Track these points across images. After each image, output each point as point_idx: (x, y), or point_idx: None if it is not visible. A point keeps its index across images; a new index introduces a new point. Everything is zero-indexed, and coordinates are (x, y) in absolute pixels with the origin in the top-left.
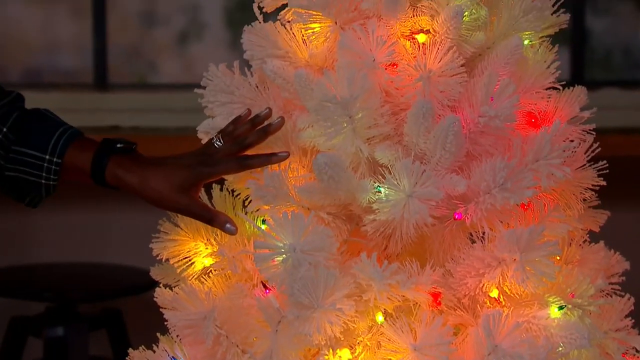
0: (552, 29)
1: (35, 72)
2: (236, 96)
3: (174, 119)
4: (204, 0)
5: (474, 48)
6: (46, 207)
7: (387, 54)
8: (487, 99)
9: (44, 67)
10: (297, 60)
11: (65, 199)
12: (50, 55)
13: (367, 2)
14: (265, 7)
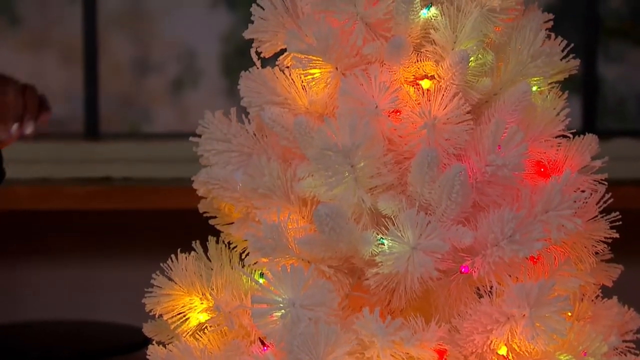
0: (562, 75)
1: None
2: (233, 144)
3: (168, 169)
4: (199, 47)
5: (481, 94)
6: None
7: (390, 101)
8: (494, 147)
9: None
10: (296, 107)
11: (53, 253)
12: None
13: (369, 47)
14: (264, 52)
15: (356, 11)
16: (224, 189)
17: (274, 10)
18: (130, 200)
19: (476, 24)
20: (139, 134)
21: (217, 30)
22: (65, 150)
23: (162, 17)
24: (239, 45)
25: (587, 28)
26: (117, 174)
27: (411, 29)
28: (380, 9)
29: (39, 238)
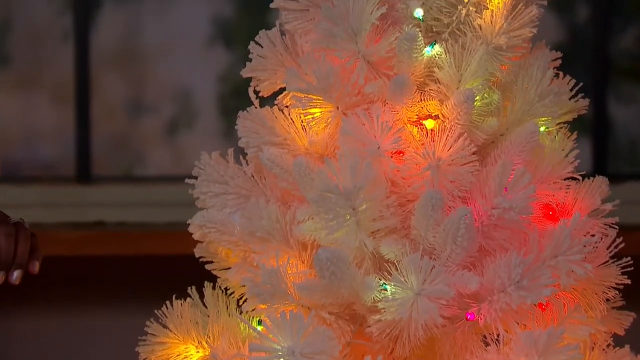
0: (571, 115)
1: (13, 164)
2: (231, 187)
3: (163, 213)
4: (195, 87)
5: (487, 135)
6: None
7: (393, 141)
8: (500, 189)
9: (23, 159)
10: (296, 148)
11: (43, 302)
12: (30, 146)
13: (371, 85)
14: (262, 91)
15: (358, 49)
16: (221, 233)
17: (273, 48)
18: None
19: (482, 62)
20: (132, 177)
21: (213, 70)
22: (56, 194)
23: (156, 56)
24: (237, 85)
25: (596, 68)
26: (110, 218)
27: (414, 67)
28: (382, 46)
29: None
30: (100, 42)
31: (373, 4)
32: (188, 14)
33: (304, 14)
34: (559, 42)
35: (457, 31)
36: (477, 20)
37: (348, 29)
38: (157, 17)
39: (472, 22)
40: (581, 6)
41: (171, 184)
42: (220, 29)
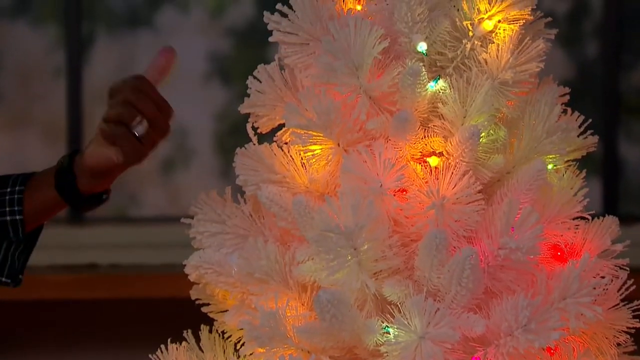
0: (579, 153)
1: None
2: (228, 226)
3: (157, 255)
4: (191, 125)
5: (492, 172)
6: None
7: (396, 179)
8: (507, 229)
9: None
10: (295, 186)
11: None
12: None
13: (373, 121)
14: (261, 127)
15: (359, 84)
16: (218, 274)
17: (272, 83)
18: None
19: (487, 98)
20: (126, 218)
21: (210, 107)
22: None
23: None
24: (234, 122)
25: (606, 105)
26: (103, 260)
27: (418, 102)
28: (384, 81)
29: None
30: (93, 78)
31: (375, 38)
32: (184, 49)
33: (303, 48)
34: (567, 79)
35: (461, 66)
36: (482, 54)
37: (349, 63)
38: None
39: (478, 57)
40: (590, 42)
41: (166, 224)
42: (217, 65)
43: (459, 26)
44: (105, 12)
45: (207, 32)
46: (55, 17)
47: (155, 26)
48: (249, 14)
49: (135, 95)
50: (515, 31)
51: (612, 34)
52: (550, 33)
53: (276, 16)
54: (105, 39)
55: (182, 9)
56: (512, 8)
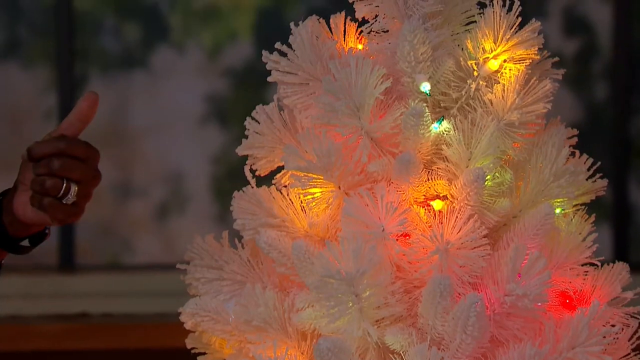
0: (588, 197)
1: None
2: (225, 272)
3: (152, 304)
4: (187, 169)
5: (498, 217)
6: None
7: (399, 223)
8: (513, 275)
9: None
10: (295, 230)
11: None
12: None
13: (375, 164)
14: (259, 170)
15: (361, 125)
16: (215, 322)
17: (271, 124)
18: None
19: (493, 140)
20: (119, 266)
21: (207, 150)
22: (37, 284)
23: (146, 136)
24: (231, 166)
25: (616, 149)
26: (95, 309)
27: (421, 144)
28: (387, 122)
29: None
30: None
31: (377, 77)
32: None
33: (303, 88)
34: (576, 121)
35: (466, 106)
36: (487, 95)
37: (350, 103)
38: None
39: (483, 97)
40: (599, 84)
41: (161, 272)
42: (214, 106)
43: (463, 66)
44: (99, 52)
45: (204, 73)
46: (47, 58)
47: (150, 67)
48: (247, 54)
49: (60, 162)
50: (522, 71)
51: (622, 75)
52: (557, 73)
53: (275, 55)
54: (99, 80)
55: (178, 50)
56: (518, 47)
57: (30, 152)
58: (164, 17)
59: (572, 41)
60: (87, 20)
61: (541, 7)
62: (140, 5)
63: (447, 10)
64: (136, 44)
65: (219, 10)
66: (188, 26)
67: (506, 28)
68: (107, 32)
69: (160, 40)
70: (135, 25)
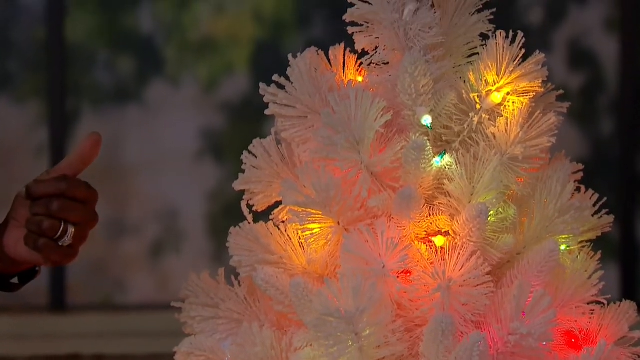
0: (594, 233)
1: None
2: (221, 310)
3: (145, 344)
4: (182, 205)
5: (502, 253)
6: None
7: (399, 260)
8: (517, 313)
9: None
10: (293, 267)
11: None
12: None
13: (375, 199)
14: (256, 205)
15: (360, 159)
16: None
17: (268, 158)
18: None
19: (496, 174)
20: (111, 305)
21: (202, 187)
22: (27, 324)
23: (139, 172)
24: (227, 202)
25: (622, 186)
26: (87, 350)
27: (422, 179)
28: (387, 156)
29: None
30: None
31: (377, 110)
32: (175, 125)
33: (301, 121)
34: (581, 157)
35: (468, 140)
36: (490, 128)
37: (350, 137)
38: (140, 129)
39: (485, 131)
40: (606, 119)
41: (154, 312)
42: (210, 141)
43: (465, 99)
44: (91, 86)
45: (200, 107)
46: (38, 92)
47: (144, 101)
48: (243, 87)
49: (59, 203)
50: (525, 104)
51: (629, 110)
52: (562, 106)
53: (273, 88)
54: (91, 115)
55: (173, 83)
56: (521, 80)
57: (29, 190)
58: (158, 50)
59: (577, 75)
60: (79, 54)
61: (545, 39)
62: (134, 37)
63: (448, 42)
64: (130, 77)
65: (215, 42)
66: (183, 59)
67: (509, 60)
68: (100, 66)
69: (155, 74)
70: (129, 58)
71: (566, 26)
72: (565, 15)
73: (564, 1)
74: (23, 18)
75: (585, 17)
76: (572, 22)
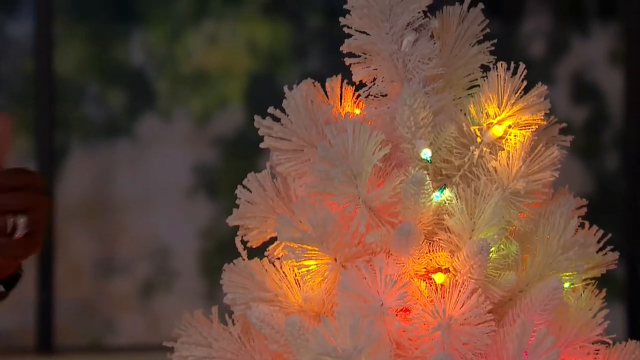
0: (599, 270)
1: None
2: (215, 350)
3: None
4: (174, 243)
5: (504, 291)
6: None
7: (398, 297)
8: (520, 353)
9: None
10: (288, 305)
11: None
12: None
13: (372, 234)
14: (251, 241)
15: (358, 193)
16: None
17: (263, 192)
18: None
19: (497, 209)
20: (101, 347)
21: (195, 224)
22: None
23: (130, 210)
24: (221, 240)
25: (628, 223)
26: None
27: (422, 214)
28: (385, 191)
29: None
30: (66, 193)
31: (375, 144)
32: (167, 161)
33: (297, 155)
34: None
35: (469, 174)
36: (491, 162)
37: (347, 171)
38: (131, 165)
39: (486, 165)
40: (610, 154)
41: (145, 353)
42: (203, 177)
43: (466, 131)
44: (81, 121)
45: (192, 142)
46: (26, 127)
47: (135, 136)
48: (237, 121)
49: None
50: (527, 137)
51: (634, 145)
52: (565, 140)
53: (268, 120)
54: (81, 150)
55: (165, 118)
56: (523, 112)
57: None
58: (150, 83)
59: (581, 109)
60: (68, 87)
61: (548, 73)
62: (125, 70)
63: (448, 73)
64: (120, 111)
65: (208, 75)
66: (176, 92)
67: (511, 92)
68: (90, 99)
69: (146, 108)
70: (120, 92)
71: (569, 59)
72: (568, 48)
73: (567, 33)
74: (11, 50)
75: (588, 49)
76: (576, 54)
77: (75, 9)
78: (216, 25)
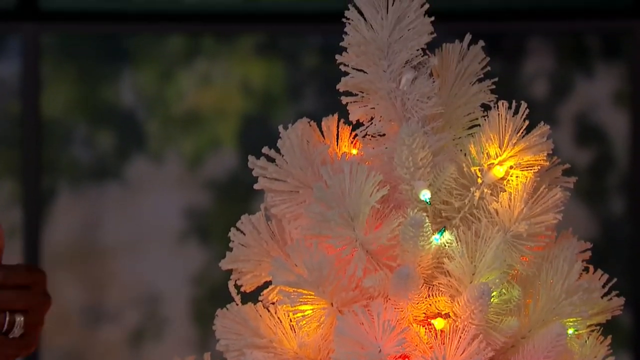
0: (604, 316)
1: None
2: None
3: None
4: (164, 290)
5: (506, 337)
6: None
7: (397, 344)
8: None
9: None
10: (283, 352)
11: None
12: None
13: (370, 278)
14: (244, 285)
15: (355, 236)
16: None
17: (257, 235)
18: None
19: (499, 253)
20: None
21: (186, 270)
22: None
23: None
24: (213, 287)
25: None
26: None
27: (421, 257)
28: (383, 233)
29: None
30: (53, 238)
31: (373, 185)
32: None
33: (293, 196)
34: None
35: (469, 216)
36: (492, 204)
37: (344, 213)
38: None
39: (487, 206)
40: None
41: None
42: (195, 222)
43: (466, 172)
44: (69, 163)
45: (184, 185)
46: (12, 170)
47: (124, 179)
48: (230, 164)
49: None
50: (530, 178)
51: None
52: (568, 181)
53: (262, 161)
54: (68, 193)
55: (155, 160)
56: (525, 153)
57: None
58: (140, 125)
59: (585, 151)
60: (56, 129)
61: (551, 114)
62: (114, 111)
63: (448, 112)
64: (109, 153)
65: (200, 116)
66: (167, 134)
67: (512, 132)
68: (78, 141)
69: (136, 150)
70: (109, 134)
71: (573, 100)
72: (571, 89)
73: (570, 74)
74: None
75: (593, 90)
76: (579, 95)
77: (63, 48)
78: (209, 65)
